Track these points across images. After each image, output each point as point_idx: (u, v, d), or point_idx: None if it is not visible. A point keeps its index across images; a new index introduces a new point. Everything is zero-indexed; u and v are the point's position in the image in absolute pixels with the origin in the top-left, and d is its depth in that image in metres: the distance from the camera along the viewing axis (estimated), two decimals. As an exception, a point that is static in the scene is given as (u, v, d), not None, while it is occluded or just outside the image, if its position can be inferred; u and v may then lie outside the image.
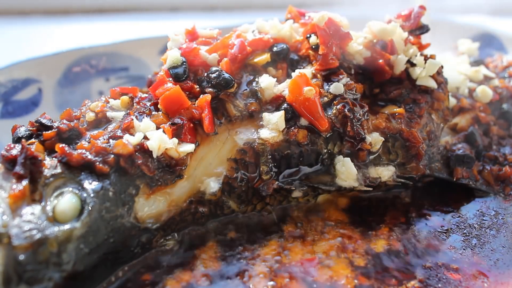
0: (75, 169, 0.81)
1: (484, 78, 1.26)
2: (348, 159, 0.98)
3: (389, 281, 0.83)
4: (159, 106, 0.93)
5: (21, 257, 0.71)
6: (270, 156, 0.95)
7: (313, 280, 0.83)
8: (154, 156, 0.85)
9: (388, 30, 1.07)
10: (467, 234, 0.95)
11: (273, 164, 0.96)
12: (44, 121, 0.87)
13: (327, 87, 0.99)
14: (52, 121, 0.88)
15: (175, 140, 0.88)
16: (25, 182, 0.76)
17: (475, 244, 0.92)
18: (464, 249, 0.91)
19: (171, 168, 0.88)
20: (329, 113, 0.97)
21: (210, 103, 0.94)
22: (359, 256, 0.88)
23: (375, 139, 0.99)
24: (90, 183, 0.80)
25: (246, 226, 0.96)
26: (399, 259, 0.88)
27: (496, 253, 0.90)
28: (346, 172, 0.97)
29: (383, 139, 0.99)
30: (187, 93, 0.95)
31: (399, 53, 1.08)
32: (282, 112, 0.95)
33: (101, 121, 0.92)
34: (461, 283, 0.83)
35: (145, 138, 0.86)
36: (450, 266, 0.86)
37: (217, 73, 0.96)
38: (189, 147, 0.89)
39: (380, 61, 1.06)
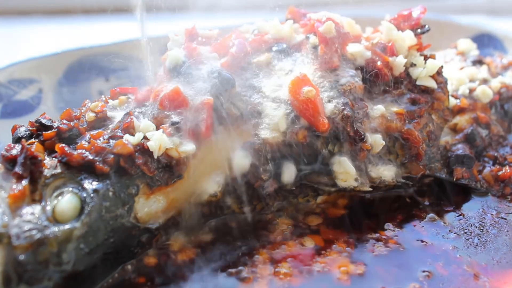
0: (75, 169, 0.81)
1: (484, 78, 1.26)
2: (345, 159, 0.97)
3: (389, 282, 0.83)
4: (159, 106, 0.93)
5: (21, 257, 0.71)
6: (270, 156, 0.95)
7: (311, 278, 0.83)
8: (155, 156, 0.85)
9: (400, 36, 1.08)
10: (469, 233, 0.95)
11: (273, 164, 0.96)
12: (44, 121, 0.87)
13: (327, 87, 0.99)
14: (52, 121, 0.88)
15: (176, 140, 0.88)
16: (25, 182, 0.76)
17: (477, 243, 0.92)
18: (465, 249, 0.91)
19: (171, 168, 0.88)
20: (329, 113, 0.97)
21: (211, 105, 0.93)
22: (359, 257, 0.88)
23: (375, 142, 0.99)
24: (90, 183, 0.80)
25: (244, 223, 0.96)
26: (399, 259, 0.88)
27: (498, 252, 0.90)
28: (344, 172, 0.97)
29: (384, 143, 0.99)
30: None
31: (398, 54, 1.08)
32: (281, 112, 0.95)
33: (101, 121, 0.92)
34: (462, 283, 0.82)
35: (145, 138, 0.86)
36: (451, 265, 0.86)
37: (217, 73, 0.96)
38: (189, 147, 0.88)
39: (379, 63, 1.06)
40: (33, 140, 0.85)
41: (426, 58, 1.10)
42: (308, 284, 0.82)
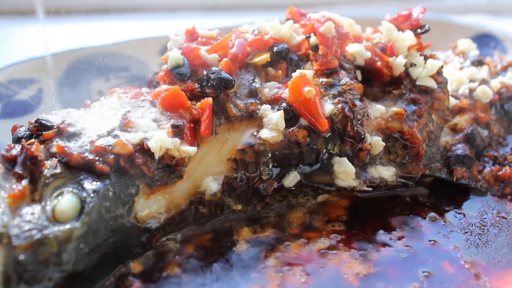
0: (75, 169, 0.81)
1: (484, 78, 1.26)
2: (344, 159, 0.98)
3: (391, 282, 0.83)
4: (159, 106, 0.93)
5: (21, 257, 0.71)
6: (270, 156, 0.95)
7: (319, 279, 0.83)
8: (156, 157, 0.85)
9: (400, 36, 1.08)
10: (469, 233, 0.95)
11: (273, 164, 0.96)
12: (44, 121, 0.87)
13: (327, 87, 0.99)
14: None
15: (177, 140, 0.88)
16: (25, 182, 0.76)
17: (478, 243, 0.92)
18: (466, 248, 0.91)
19: (171, 168, 0.88)
20: (329, 113, 0.97)
21: (211, 105, 0.93)
22: (359, 256, 0.88)
23: (375, 143, 0.99)
24: (90, 183, 0.80)
25: (246, 223, 0.96)
26: (400, 258, 0.88)
27: (499, 252, 0.90)
28: (344, 171, 0.97)
29: (384, 144, 0.99)
30: (187, 93, 0.95)
31: (398, 54, 1.08)
32: (281, 112, 0.95)
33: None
34: (463, 282, 0.82)
35: (145, 138, 0.86)
36: (452, 265, 0.86)
37: (217, 73, 0.96)
38: (191, 149, 0.89)
39: (379, 63, 1.06)
40: (33, 140, 0.85)
41: (426, 58, 1.10)
42: (315, 285, 0.82)
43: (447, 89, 1.12)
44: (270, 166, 0.96)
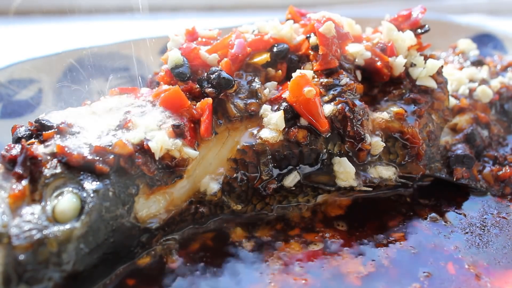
0: (75, 169, 0.81)
1: (484, 78, 1.26)
2: (344, 159, 0.98)
3: (391, 282, 0.83)
4: (159, 106, 0.93)
5: (21, 257, 0.71)
6: (270, 156, 0.95)
7: (320, 279, 0.83)
8: (157, 157, 0.85)
9: (400, 36, 1.08)
10: (470, 233, 0.95)
11: (273, 164, 0.96)
12: (44, 121, 0.87)
13: (327, 87, 0.99)
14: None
15: (178, 142, 0.88)
16: (25, 182, 0.76)
17: (478, 243, 0.92)
18: (467, 248, 0.90)
19: (171, 168, 0.88)
20: (329, 113, 0.96)
21: (211, 105, 0.93)
22: (360, 256, 0.88)
23: (375, 143, 0.99)
24: (90, 183, 0.80)
25: (244, 224, 0.96)
26: (401, 259, 0.88)
27: (499, 252, 0.90)
28: (344, 171, 0.97)
29: (384, 144, 0.99)
30: (187, 93, 0.95)
31: (398, 54, 1.08)
32: (281, 112, 0.95)
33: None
34: (463, 282, 0.82)
35: (146, 138, 0.86)
36: (453, 265, 0.86)
37: (217, 73, 0.96)
38: (193, 152, 0.89)
39: (379, 63, 1.06)
40: (33, 140, 0.85)
41: (426, 58, 1.10)
42: (316, 285, 0.82)
43: (447, 89, 1.12)
44: (270, 166, 0.96)
